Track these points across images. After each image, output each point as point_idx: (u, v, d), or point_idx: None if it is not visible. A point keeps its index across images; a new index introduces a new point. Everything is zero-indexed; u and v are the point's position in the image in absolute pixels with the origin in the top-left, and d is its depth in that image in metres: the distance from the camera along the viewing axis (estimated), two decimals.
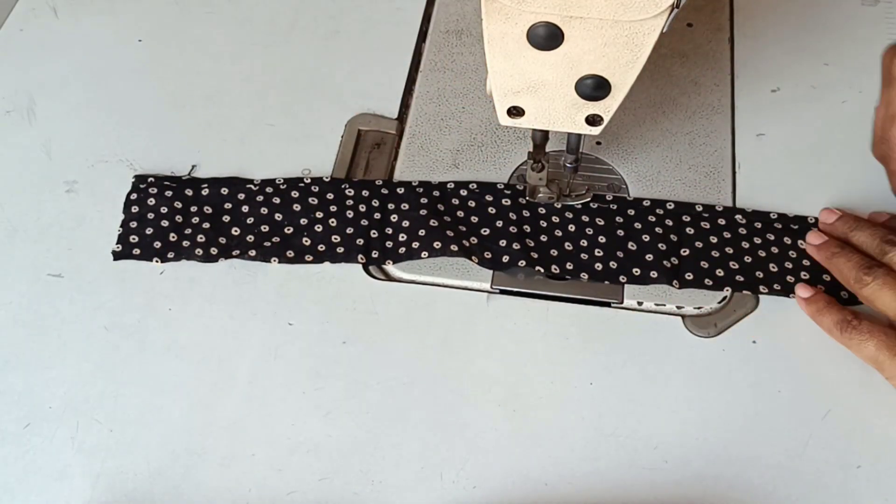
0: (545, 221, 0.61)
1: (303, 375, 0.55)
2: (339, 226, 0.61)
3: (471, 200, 0.62)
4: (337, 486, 0.51)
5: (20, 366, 0.56)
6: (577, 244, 0.60)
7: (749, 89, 0.68)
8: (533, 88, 0.51)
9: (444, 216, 0.61)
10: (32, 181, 0.64)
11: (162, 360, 0.56)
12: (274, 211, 0.61)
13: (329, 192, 0.62)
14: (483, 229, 0.60)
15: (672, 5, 0.46)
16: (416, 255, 0.59)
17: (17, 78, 0.70)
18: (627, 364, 0.55)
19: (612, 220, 0.61)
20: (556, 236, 0.60)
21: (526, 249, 0.59)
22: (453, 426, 0.53)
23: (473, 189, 0.62)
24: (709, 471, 0.52)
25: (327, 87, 0.69)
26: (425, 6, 0.74)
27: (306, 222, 0.61)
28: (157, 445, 0.53)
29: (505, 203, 0.61)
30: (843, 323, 0.54)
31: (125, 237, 0.60)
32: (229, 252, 0.60)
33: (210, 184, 0.63)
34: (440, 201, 0.62)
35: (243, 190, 0.62)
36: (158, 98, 0.68)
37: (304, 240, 0.60)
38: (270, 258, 0.59)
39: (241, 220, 0.61)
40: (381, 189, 0.62)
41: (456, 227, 0.60)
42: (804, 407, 0.54)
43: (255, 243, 0.60)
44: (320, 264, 0.59)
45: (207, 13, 0.74)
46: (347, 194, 0.62)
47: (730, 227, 0.60)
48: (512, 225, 0.60)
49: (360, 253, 0.59)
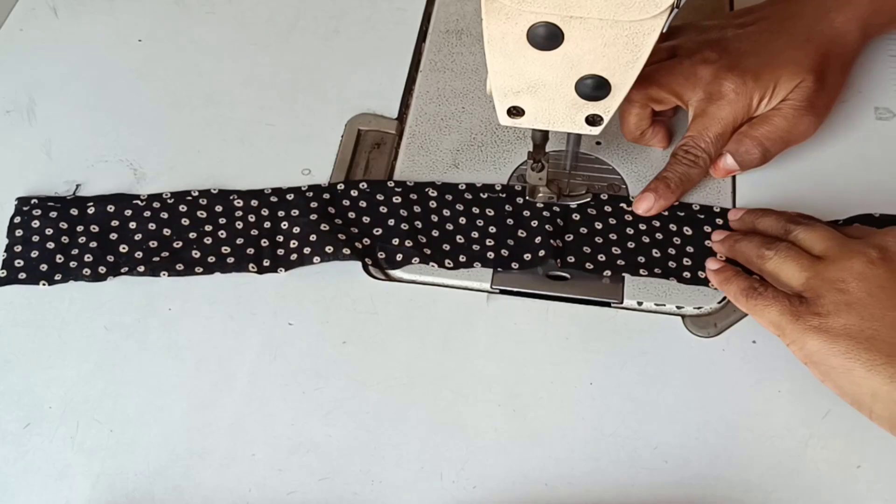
0: (436, 216, 0.61)
1: (303, 375, 0.55)
2: (229, 237, 0.60)
3: (362, 201, 0.62)
4: (337, 486, 0.52)
5: (20, 366, 0.56)
6: (468, 235, 0.60)
7: None
8: (533, 88, 0.51)
9: (336, 219, 0.61)
10: (32, 181, 0.64)
11: (162, 360, 0.56)
12: (162, 226, 0.61)
13: (217, 204, 0.62)
14: (375, 229, 0.60)
15: (672, 5, 0.46)
16: (307, 261, 0.59)
17: (17, 78, 0.70)
18: (627, 364, 0.55)
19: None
20: (444, 229, 0.61)
21: (419, 246, 0.59)
22: (453, 426, 0.53)
23: (364, 189, 0.62)
24: (709, 471, 0.52)
25: (327, 87, 0.69)
26: (425, 6, 0.74)
27: (195, 235, 0.60)
28: (157, 445, 0.53)
29: (396, 200, 0.61)
30: (749, 290, 0.54)
31: (10, 262, 0.59)
32: (118, 270, 0.59)
33: (96, 202, 0.62)
34: (330, 204, 0.61)
35: (130, 206, 0.62)
36: (158, 98, 0.68)
37: (193, 252, 0.60)
38: (160, 272, 0.59)
39: (129, 237, 0.60)
40: (270, 197, 0.62)
41: (348, 230, 0.60)
42: (804, 407, 0.54)
43: (143, 259, 0.59)
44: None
45: (207, 13, 0.74)
46: (236, 205, 0.62)
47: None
48: (404, 222, 0.60)
49: (251, 262, 0.59)
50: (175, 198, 0.62)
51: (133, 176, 0.64)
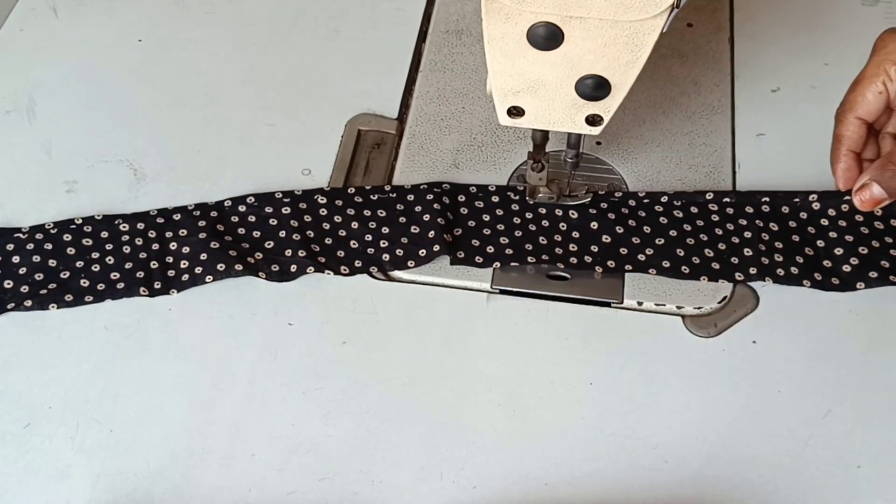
0: (327, 223, 0.61)
1: (303, 375, 0.55)
2: (117, 262, 0.59)
3: (251, 216, 0.61)
4: (337, 486, 0.51)
5: (20, 366, 0.56)
6: (362, 239, 0.60)
7: (749, 89, 0.68)
8: (533, 88, 0.51)
9: (226, 236, 0.60)
10: (32, 181, 0.64)
11: (162, 360, 0.56)
12: (47, 257, 0.59)
13: (103, 230, 0.61)
14: (267, 242, 0.60)
15: (672, 5, 0.46)
16: (200, 281, 0.58)
17: (17, 78, 0.70)
18: (627, 364, 0.55)
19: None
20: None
21: (312, 255, 0.59)
22: (453, 426, 0.53)
23: (252, 203, 0.62)
24: (709, 471, 0.52)
25: (327, 87, 0.69)
26: (425, 6, 0.74)
27: (82, 264, 0.59)
28: (157, 445, 0.53)
29: (285, 211, 0.61)
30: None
31: None
32: (4, 306, 0.58)
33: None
34: (219, 221, 0.61)
35: (12, 240, 0.60)
36: (158, 98, 0.68)
37: (82, 281, 0.59)
38: (48, 305, 0.58)
39: (13, 272, 0.59)
40: (156, 219, 0.61)
41: (239, 245, 0.60)
42: (804, 407, 0.54)
43: (30, 293, 0.58)
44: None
45: (207, 13, 0.74)
46: (122, 229, 0.61)
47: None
48: (295, 232, 0.60)
49: (142, 286, 0.58)
50: (58, 227, 0.61)
51: (133, 176, 0.64)
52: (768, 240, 0.59)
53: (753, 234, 0.59)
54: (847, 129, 0.58)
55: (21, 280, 0.59)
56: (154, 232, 0.61)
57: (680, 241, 0.59)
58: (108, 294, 0.58)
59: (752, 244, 0.59)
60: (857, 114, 0.58)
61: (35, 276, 0.59)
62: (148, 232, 0.61)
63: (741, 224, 0.60)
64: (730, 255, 0.58)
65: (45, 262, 0.60)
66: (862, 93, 0.58)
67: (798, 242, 0.59)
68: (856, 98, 0.58)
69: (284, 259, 0.59)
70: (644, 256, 0.59)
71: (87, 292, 0.58)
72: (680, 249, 0.59)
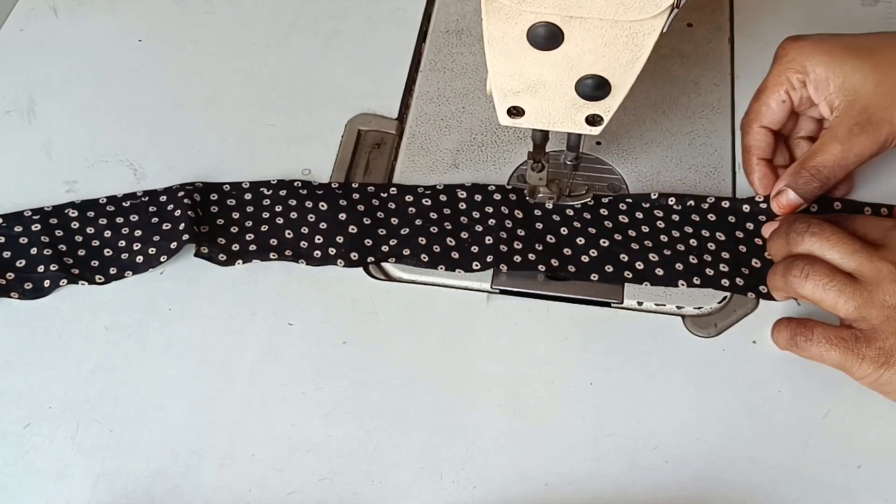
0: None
1: (303, 375, 0.55)
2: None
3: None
4: (337, 486, 0.52)
5: (20, 366, 0.56)
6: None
7: (749, 89, 0.67)
8: (533, 88, 0.51)
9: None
10: (32, 181, 0.64)
11: (162, 360, 0.56)
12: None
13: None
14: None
15: (672, 5, 0.46)
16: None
17: (17, 78, 0.70)
18: (627, 364, 0.55)
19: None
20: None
21: (66, 268, 0.59)
22: (453, 426, 0.53)
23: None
24: (709, 471, 0.52)
25: (327, 87, 0.69)
26: (425, 6, 0.74)
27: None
28: (157, 445, 0.53)
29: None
30: (796, 338, 0.53)
31: None
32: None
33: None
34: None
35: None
36: (158, 98, 0.68)
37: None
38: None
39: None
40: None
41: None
42: (804, 407, 0.54)
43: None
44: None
45: (207, 13, 0.74)
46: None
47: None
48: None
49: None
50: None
51: (133, 176, 0.64)
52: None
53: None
54: (754, 138, 0.60)
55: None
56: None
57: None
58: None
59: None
60: (762, 123, 0.60)
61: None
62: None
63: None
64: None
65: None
66: (766, 102, 0.59)
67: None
68: (760, 108, 0.60)
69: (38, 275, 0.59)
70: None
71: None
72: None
